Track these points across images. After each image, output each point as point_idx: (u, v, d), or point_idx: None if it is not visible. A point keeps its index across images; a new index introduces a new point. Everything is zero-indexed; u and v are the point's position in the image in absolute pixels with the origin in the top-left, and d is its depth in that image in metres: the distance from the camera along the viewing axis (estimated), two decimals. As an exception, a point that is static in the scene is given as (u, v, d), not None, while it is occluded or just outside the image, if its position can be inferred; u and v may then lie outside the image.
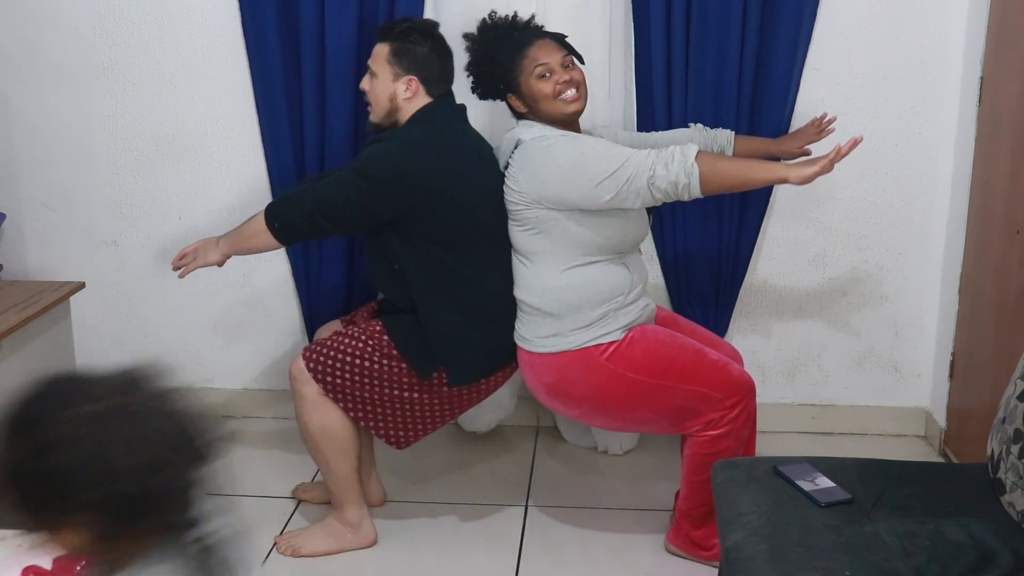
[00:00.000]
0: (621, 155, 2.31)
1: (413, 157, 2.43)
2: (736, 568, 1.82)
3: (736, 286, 3.13)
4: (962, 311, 3.01)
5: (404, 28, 2.56)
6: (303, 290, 3.22)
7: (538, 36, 2.51)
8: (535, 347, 2.46)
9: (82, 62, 3.16)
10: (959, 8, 2.96)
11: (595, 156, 2.33)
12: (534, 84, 2.45)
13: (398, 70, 2.53)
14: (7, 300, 2.41)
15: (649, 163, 2.28)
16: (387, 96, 2.55)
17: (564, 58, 2.48)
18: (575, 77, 2.48)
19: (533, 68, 2.45)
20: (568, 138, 2.42)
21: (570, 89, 2.45)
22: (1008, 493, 1.94)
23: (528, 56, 2.46)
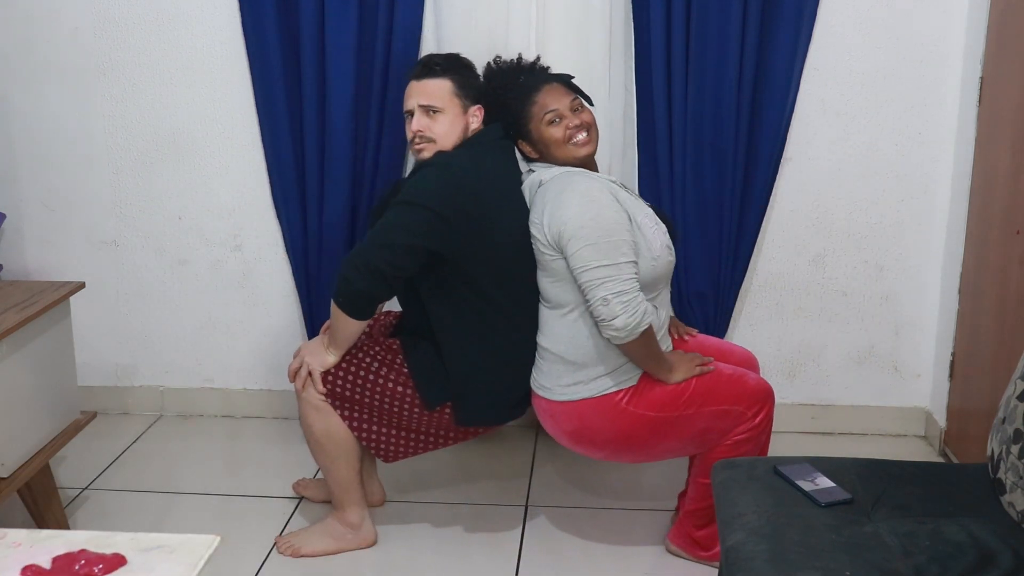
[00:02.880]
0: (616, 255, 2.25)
1: (454, 185, 2.36)
2: (736, 568, 1.82)
3: (736, 286, 3.13)
4: (962, 311, 3.01)
5: (456, 60, 2.53)
6: (303, 290, 3.22)
7: (545, 80, 2.49)
8: (555, 395, 2.42)
9: (82, 62, 3.16)
10: (959, 8, 2.96)
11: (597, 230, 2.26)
12: (544, 130, 2.43)
13: (467, 102, 2.48)
14: (7, 300, 2.40)
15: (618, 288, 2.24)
16: (460, 130, 2.48)
17: (573, 102, 2.46)
18: (585, 120, 2.46)
19: (543, 115, 2.42)
20: (590, 180, 2.36)
21: (581, 133, 2.44)
22: (1008, 493, 1.94)
23: (537, 102, 2.44)
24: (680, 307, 3.16)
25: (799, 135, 3.06)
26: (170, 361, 3.43)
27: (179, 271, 3.33)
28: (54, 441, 2.51)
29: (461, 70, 2.51)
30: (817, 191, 3.12)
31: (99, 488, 2.98)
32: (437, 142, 2.46)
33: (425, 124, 2.46)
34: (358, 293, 2.34)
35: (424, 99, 2.46)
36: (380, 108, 3.00)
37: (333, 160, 3.04)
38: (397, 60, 2.97)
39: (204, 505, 2.89)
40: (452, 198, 2.34)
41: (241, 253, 3.30)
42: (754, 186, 3.03)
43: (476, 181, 2.38)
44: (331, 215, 3.09)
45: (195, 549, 1.60)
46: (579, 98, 2.49)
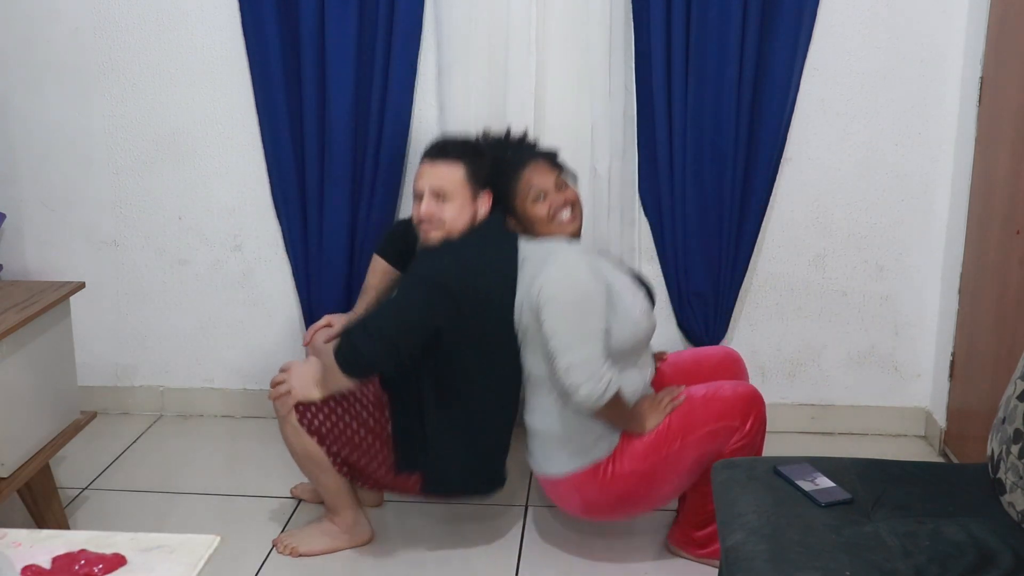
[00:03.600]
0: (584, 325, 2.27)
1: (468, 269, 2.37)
2: (736, 568, 1.82)
3: (736, 286, 3.13)
4: (962, 311, 3.01)
5: (470, 145, 2.51)
6: (303, 290, 3.22)
7: (531, 157, 2.51)
8: (550, 472, 2.44)
9: (82, 62, 3.16)
10: (959, 8, 2.96)
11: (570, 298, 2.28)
12: (529, 208, 2.45)
13: (477, 188, 2.45)
14: (7, 300, 2.40)
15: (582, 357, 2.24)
16: (468, 216, 2.45)
17: (558, 179, 2.48)
18: (569, 198, 2.48)
19: (528, 192, 2.45)
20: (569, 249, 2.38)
21: (565, 211, 2.46)
22: (1008, 493, 1.94)
23: (522, 179, 2.46)
24: (680, 307, 3.16)
25: (799, 135, 3.06)
26: (170, 361, 3.43)
27: (179, 271, 3.33)
28: (54, 441, 2.51)
29: (474, 156, 2.48)
30: (817, 191, 3.12)
31: (99, 488, 2.98)
32: (445, 227, 2.44)
33: (433, 209, 2.43)
34: (366, 362, 2.35)
35: (435, 183, 2.44)
36: (380, 108, 3.00)
37: (333, 160, 3.04)
38: (397, 60, 2.97)
39: (204, 505, 2.89)
40: (465, 280, 2.35)
41: (241, 253, 3.30)
42: (754, 186, 3.03)
43: (484, 267, 2.39)
44: (331, 215, 3.09)
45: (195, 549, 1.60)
46: (564, 175, 2.52)
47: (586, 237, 2.74)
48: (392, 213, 3.14)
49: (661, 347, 3.25)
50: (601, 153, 3.01)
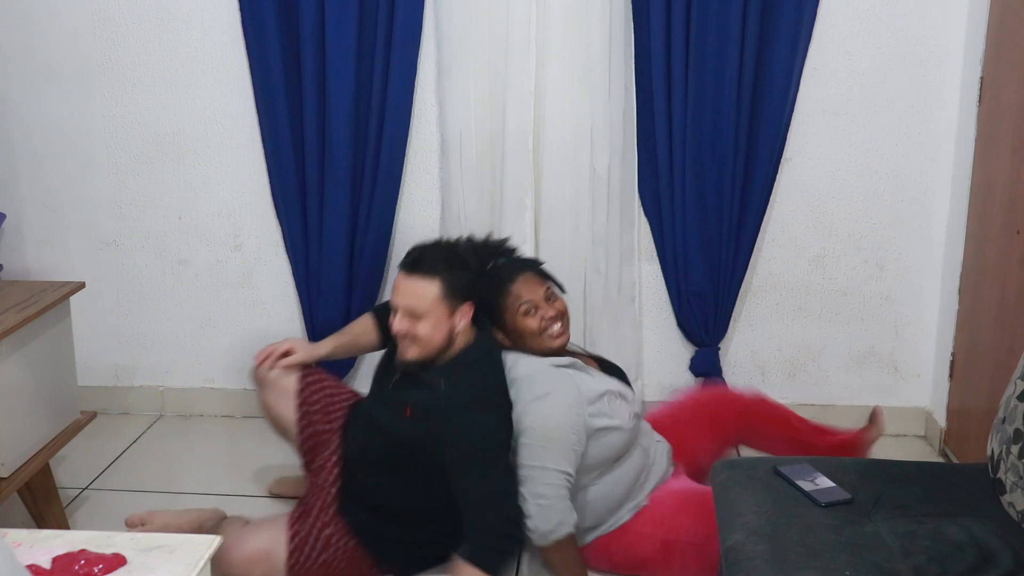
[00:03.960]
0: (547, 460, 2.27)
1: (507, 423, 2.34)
2: (736, 568, 1.82)
3: (736, 286, 3.13)
4: (962, 311, 3.01)
5: (449, 259, 2.38)
6: (303, 290, 3.22)
7: (518, 270, 2.50)
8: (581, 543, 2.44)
9: (82, 62, 3.16)
10: (959, 8, 2.96)
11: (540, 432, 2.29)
12: (520, 321, 2.44)
13: (455, 302, 2.36)
14: (7, 300, 2.40)
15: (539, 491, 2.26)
16: (443, 335, 2.36)
17: (547, 291, 2.48)
18: (559, 309, 2.48)
19: (518, 306, 2.43)
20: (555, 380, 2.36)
21: (555, 324, 2.45)
22: (1008, 493, 1.94)
23: (512, 294, 2.44)
24: (680, 307, 3.16)
25: (799, 135, 3.06)
26: (170, 361, 3.43)
27: (179, 271, 3.33)
28: (54, 441, 2.51)
29: (453, 270, 2.37)
30: (817, 191, 3.12)
31: (99, 488, 2.98)
32: (420, 344, 2.36)
33: (406, 327, 2.36)
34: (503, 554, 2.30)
35: (408, 302, 2.35)
36: (380, 108, 3.00)
37: (333, 160, 3.04)
38: (397, 60, 2.97)
39: (204, 505, 2.89)
40: (508, 433, 2.33)
41: (241, 253, 3.30)
42: (754, 186, 3.03)
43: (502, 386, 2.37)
44: (331, 215, 3.09)
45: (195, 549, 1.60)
46: (552, 286, 2.51)
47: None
48: (392, 213, 3.14)
49: (661, 346, 3.26)
50: (601, 153, 3.01)
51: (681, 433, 2.66)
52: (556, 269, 2.75)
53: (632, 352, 3.18)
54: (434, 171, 3.15)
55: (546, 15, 2.95)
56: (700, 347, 3.19)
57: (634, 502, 2.44)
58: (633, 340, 3.18)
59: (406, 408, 2.38)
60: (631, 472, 2.43)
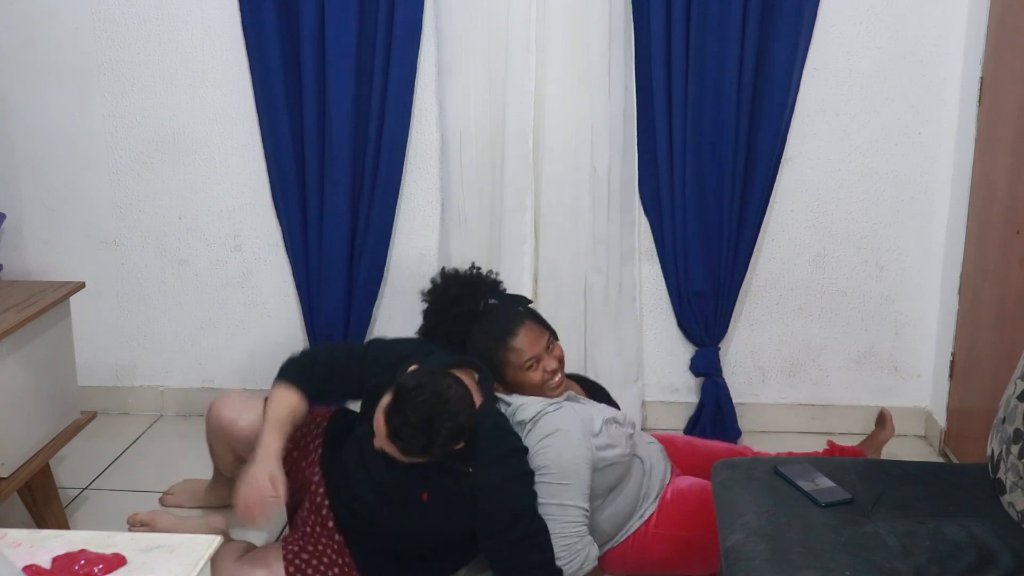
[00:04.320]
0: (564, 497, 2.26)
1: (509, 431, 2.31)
2: (736, 568, 1.82)
3: (736, 286, 3.13)
4: (962, 311, 3.01)
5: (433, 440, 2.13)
6: (303, 290, 3.22)
7: (519, 322, 2.44)
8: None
9: (82, 62, 3.16)
10: (959, 8, 2.96)
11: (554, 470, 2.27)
12: (522, 375, 2.42)
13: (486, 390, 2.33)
14: (7, 300, 2.40)
15: (558, 530, 2.24)
16: None
17: (548, 341, 2.46)
18: (559, 357, 2.47)
19: (522, 362, 2.41)
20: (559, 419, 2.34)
21: (558, 375, 2.45)
22: (1008, 493, 1.94)
23: (514, 349, 2.41)
24: (680, 307, 3.16)
25: (799, 135, 3.06)
26: (170, 361, 3.43)
27: (179, 271, 3.33)
28: (54, 441, 2.51)
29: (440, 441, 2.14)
30: (817, 191, 3.12)
31: (99, 488, 2.98)
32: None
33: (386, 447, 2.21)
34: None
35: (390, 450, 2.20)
36: (380, 108, 3.00)
37: (333, 160, 3.04)
38: (397, 60, 2.97)
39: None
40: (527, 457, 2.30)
41: (241, 253, 3.30)
42: (754, 186, 3.03)
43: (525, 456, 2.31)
44: (331, 215, 3.09)
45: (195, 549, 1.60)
46: (550, 334, 2.49)
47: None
48: (392, 213, 3.14)
49: (661, 346, 3.26)
50: (601, 153, 3.01)
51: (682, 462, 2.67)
52: (556, 269, 2.76)
53: (632, 352, 3.18)
54: (434, 171, 3.15)
55: (546, 15, 2.95)
56: (700, 347, 3.19)
57: (640, 511, 2.45)
58: (633, 340, 3.18)
59: (421, 492, 2.24)
60: (634, 488, 2.44)
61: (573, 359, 2.96)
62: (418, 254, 3.22)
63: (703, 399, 3.21)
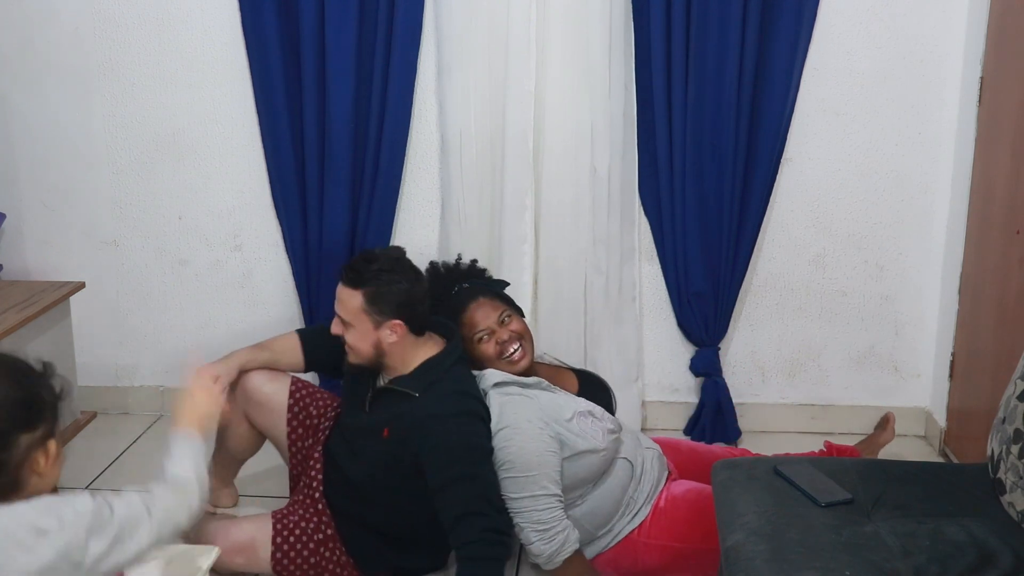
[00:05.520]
0: (534, 488, 2.27)
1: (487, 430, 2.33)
2: (736, 568, 1.82)
3: (736, 286, 3.13)
4: (962, 311, 3.01)
5: (374, 271, 2.34)
6: (303, 290, 3.22)
7: (471, 297, 2.51)
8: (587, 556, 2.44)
9: (82, 62, 3.16)
10: (959, 8, 2.96)
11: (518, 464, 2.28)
12: (478, 349, 2.48)
13: (378, 318, 2.34)
14: (7, 300, 2.41)
15: (536, 518, 2.26)
16: (370, 345, 2.37)
17: (502, 314, 2.50)
18: (515, 330, 2.50)
19: (473, 335, 2.47)
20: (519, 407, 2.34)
21: (513, 346, 2.48)
22: (1008, 493, 1.94)
23: (465, 324, 2.49)
24: (680, 307, 3.16)
25: (799, 135, 3.06)
26: (170, 361, 3.42)
27: (179, 271, 3.33)
28: (54, 441, 2.50)
29: (378, 284, 2.33)
30: (817, 191, 3.12)
31: (99, 488, 2.97)
32: (353, 350, 2.40)
33: (339, 331, 2.40)
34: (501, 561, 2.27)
35: (338, 309, 2.39)
36: (380, 108, 3.00)
37: (333, 160, 3.04)
38: (397, 60, 2.97)
39: (204, 505, 2.89)
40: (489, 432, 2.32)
41: (241, 253, 3.30)
42: (754, 186, 3.03)
43: (485, 413, 2.35)
44: (331, 215, 3.09)
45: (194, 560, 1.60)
46: (509, 309, 2.52)
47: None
48: (392, 213, 3.14)
49: (661, 346, 3.26)
50: (601, 153, 3.01)
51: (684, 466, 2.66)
52: (556, 269, 2.76)
53: (632, 352, 3.18)
54: (434, 171, 3.15)
55: (546, 15, 2.95)
56: (700, 347, 3.19)
57: (629, 515, 2.43)
58: (633, 340, 3.18)
59: (383, 430, 2.35)
60: (616, 488, 2.42)
61: (573, 359, 2.96)
62: (418, 254, 3.19)
63: (703, 399, 3.21)
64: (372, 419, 2.40)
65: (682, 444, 2.78)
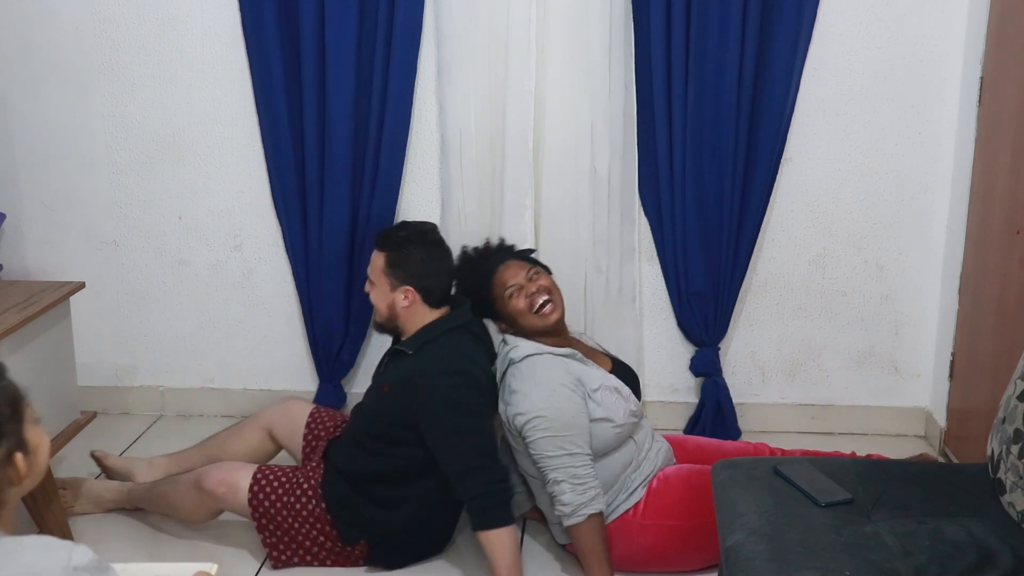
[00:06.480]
0: (570, 446, 2.35)
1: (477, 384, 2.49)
2: (736, 568, 1.82)
3: (736, 286, 3.13)
4: (962, 311, 3.01)
5: (399, 238, 2.60)
6: (303, 290, 3.22)
7: (500, 261, 2.63)
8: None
9: (82, 62, 3.16)
10: (959, 8, 2.96)
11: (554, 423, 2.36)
12: (508, 305, 2.56)
13: (394, 281, 2.57)
14: (7, 300, 2.41)
15: (572, 473, 2.34)
16: (386, 305, 2.60)
17: (530, 271, 2.59)
18: (543, 284, 2.58)
19: (504, 292, 2.57)
20: (550, 368, 2.44)
21: (542, 297, 2.54)
22: (1008, 493, 1.94)
23: (496, 283, 2.59)
24: (680, 307, 3.16)
25: (799, 135, 3.06)
26: (170, 361, 3.43)
27: (179, 271, 3.33)
28: (54, 441, 2.50)
29: (401, 248, 2.57)
30: (817, 191, 3.12)
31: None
32: (376, 310, 2.63)
33: (368, 289, 2.65)
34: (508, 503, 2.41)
35: (368, 269, 2.64)
36: (380, 108, 3.00)
37: (333, 160, 3.04)
38: (397, 60, 2.97)
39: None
40: (474, 398, 2.46)
41: (241, 253, 3.30)
42: (754, 186, 3.03)
43: (477, 373, 2.50)
44: (331, 215, 3.09)
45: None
46: (537, 267, 2.60)
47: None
48: (392, 213, 3.14)
49: (661, 346, 3.26)
50: (601, 153, 3.01)
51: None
52: (556, 269, 2.75)
53: (632, 352, 3.18)
54: (434, 171, 3.15)
55: (546, 15, 2.95)
56: (700, 347, 3.19)
57: (625, 493, 2.45)
58: (633, 340, 3.18)
59: (385, 386, 2.55)
60: (615, 465, 2.46)
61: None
62: (418, 254, 3.22)
63: (703, 399, 3.21)
64: (381, 378, 2.62)
65: (688, 441, 2.77)
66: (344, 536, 2.50)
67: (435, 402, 2.42)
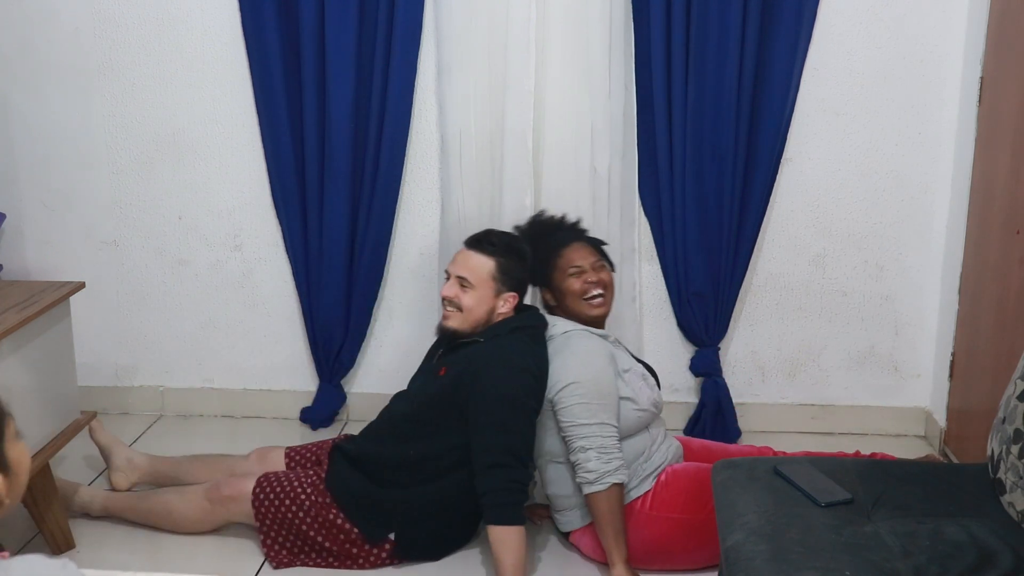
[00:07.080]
0: (603, 415, 2.41)
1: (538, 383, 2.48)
2: (736, 568, 1.82)
3: (736, 286, 3.13)
4: (962, 311, 3.01)
5: (508, 246, 2.62)
6: (303, 290, 3.22)
7: (576, 238, 2.69)
8: (574, 526, 2.54)
9: (82, 62, 3.16)
10: (959, 8, 2.96)
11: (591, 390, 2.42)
12: (565, 281, 2.62)
13: (502, 287, 2.58)
14: (7, 300, 2.40)
15: (599, 443, 2.38)
16: (486, 311, 2.58)
17: (596, 261, 2.65)
18: (603, 279, 2.64)
19: (567, 268, 2.62)
20: (589, 340, 2.52)
21: (596, 290, 2.61)
22: (1008, 493, 1.94)
23: (564, 256, 2.64)
24: (680, 307, 3.16)
25: (799, 135, 3.06)
26: (170, 361, 3.43)
27: (179, 271, 3.33)
28: (54, 441, 2.50)
29: (512, 255, 2.61)
30: (817, 191, 3.12)
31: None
32: (463, 313, 2.58)
33: (455, 292, 2.59)
34: (521, 505, 2.42)
35: (463, 271, 2.58)
36: (380, 108, 3.00)
37: (333, 160, 3.04)
38: (397, 60, 2.97)
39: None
40: (532, 399, 2.47)
41: (241, 253, 3.30)
42: (754, 186, 3.03)
43: (539, 375, 2.49)
44: (331, 215, 3.09)
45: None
46: (603, 261, 2.68)
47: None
48: (392, 213, 3.14)
49: (661, 346, 3.26)
50: (601, 153, 3.01)
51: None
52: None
53: (632, 352, 3.18)
54: (434, 171, 3.15)
55: (546, 15, 2.95)
56: (700, 347, 3.19)
57: (635, 480, 2.47)
58: (633, 340, 3.18)
59: (441, 369, 2.55)
60: (630, 451, 2.49)
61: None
62: (418, 254, 3.23)
63: (703, 399, 3.21)
64: (436, 364, 2.62)
65: (693, 442, 2.80)
66: (369, 535, 2.49)
67: (493, 392, 2.43)
